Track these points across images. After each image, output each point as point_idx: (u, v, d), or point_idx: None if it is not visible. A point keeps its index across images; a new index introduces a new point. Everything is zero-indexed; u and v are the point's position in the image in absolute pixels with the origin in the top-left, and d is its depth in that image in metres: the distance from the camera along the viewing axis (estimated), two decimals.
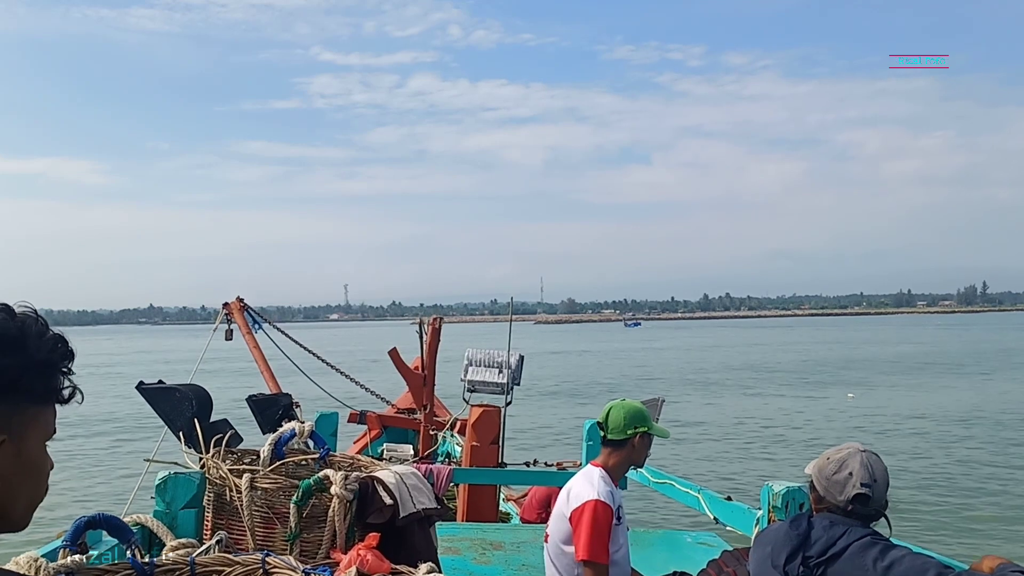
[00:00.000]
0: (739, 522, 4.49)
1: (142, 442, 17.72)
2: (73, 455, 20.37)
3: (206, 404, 4.63)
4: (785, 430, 24.31)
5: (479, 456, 7.59)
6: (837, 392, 33.01)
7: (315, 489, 3.19)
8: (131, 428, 24.32)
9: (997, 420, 24.34)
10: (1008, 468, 17.85)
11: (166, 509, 3.62)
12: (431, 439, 10.77)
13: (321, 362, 13.20)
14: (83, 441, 23.16)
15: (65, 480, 17.15)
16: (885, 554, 2.39)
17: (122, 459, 19.55)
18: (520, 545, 5.39)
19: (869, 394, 32.26)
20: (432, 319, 10.97)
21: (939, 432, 22.54)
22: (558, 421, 24.67)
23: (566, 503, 3.59)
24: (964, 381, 36.77)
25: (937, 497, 15.33)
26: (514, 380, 8.72)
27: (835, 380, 38.65)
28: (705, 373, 44.03)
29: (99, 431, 25.08)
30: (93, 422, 26.34)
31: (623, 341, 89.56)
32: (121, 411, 27.25)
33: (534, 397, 29.98)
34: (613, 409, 3.69)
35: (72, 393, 1.35)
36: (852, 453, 2.62)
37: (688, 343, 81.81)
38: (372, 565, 2.76)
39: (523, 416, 22.00)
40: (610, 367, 49.52)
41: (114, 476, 17.96)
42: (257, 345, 12.89)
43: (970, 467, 18.00)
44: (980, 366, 45.02)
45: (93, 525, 2.37)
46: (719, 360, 53.31)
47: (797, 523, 2.58)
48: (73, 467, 18.93)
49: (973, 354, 54.64)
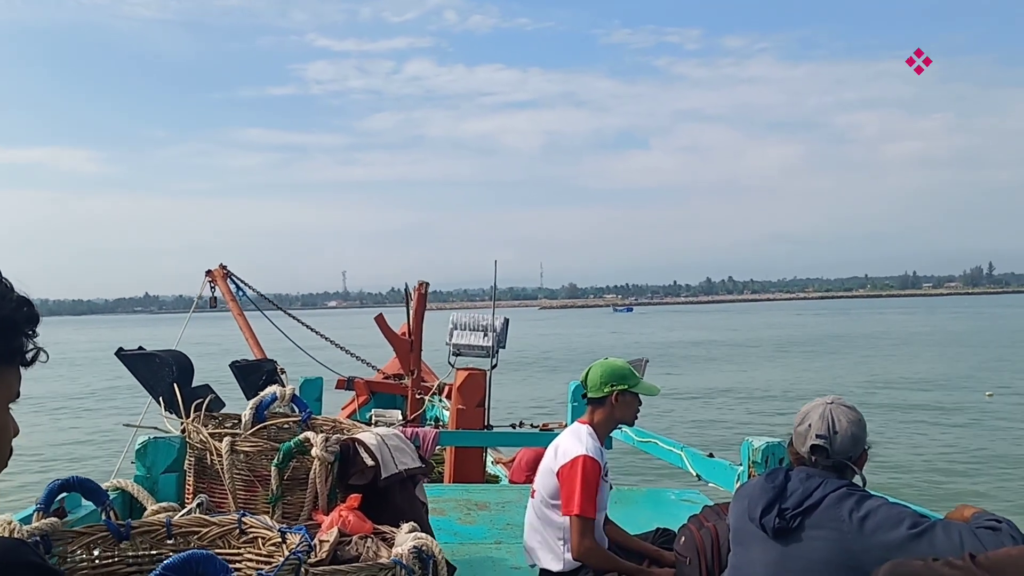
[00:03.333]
0: (721, 478, 4.53)
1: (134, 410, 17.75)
2: (59, 424, 20.41)
3: (187, 370, 4.63)
4: (773, 391, 24.51)
5: (465, 419, 7.63)
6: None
7: (296, 452, 3.19)
8: (121, 398, 24.33)
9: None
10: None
11: (147, 474, 3.62)
12: (419, 404, 10.80)
13: (310, 332, 13.19)
14: (71, 412, 23.20)
15: (50, 447, 17.21)
16: (861, 504, 2.40)
17: (110, 427, 19.58)
18: (505, 505, 5.42)
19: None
20: (418, 284, 10.95)
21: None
22: (544, 388, 24.76)
23: (554, 459, 3.61)
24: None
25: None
26: (499, 343, 8.72)
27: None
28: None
29: (88, 406, 25.10)
30: (82, 396, 26.38)
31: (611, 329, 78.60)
32: (113, 384, 27.24)
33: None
34: (593, 368, 3.69)
35: (36, 355, 1.32)
36: (816, 405, 2.63)
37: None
38: (354, 526, 2.77)
39: (509, 385, 22.00)
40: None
41: (101, 444, 17.99)
42: (241, 312, 12.84)
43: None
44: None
45: (67, 488, 2.37)
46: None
47: (773, 476, 2.59)
48: (60, 436, 18.97)
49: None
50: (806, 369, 32.19)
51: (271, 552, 2.08)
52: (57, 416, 22.83)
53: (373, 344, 13.77)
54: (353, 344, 13.56)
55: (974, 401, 22.39)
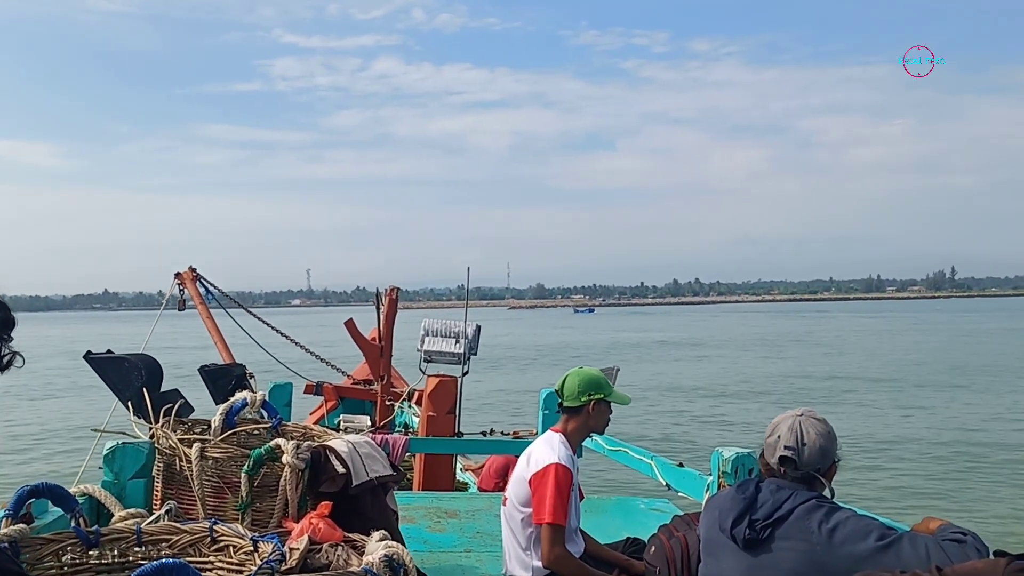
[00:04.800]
0: (690, 488, 4.56)
1: (98, 413, 17.55)
2: (23, 427, 20.07)
3: (156, 374, 4.58)
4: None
5: (435, 426, 7.59)
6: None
7: (266, 458, 3.17)
8: (82, 400, 24.00)
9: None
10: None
11: (114, 479, 3.57)
12: (388, 410, 10.74)
13: (278, 334, 13.07)
14: (33, 414, 22.82)
15: (13, 453, 16.92)
16: (830, 516, 2.44)
17: (72, 431, 19.31)
18: (475, 513, 5.41)
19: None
20: (389, 289, 10.91)
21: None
22: (515, 391, 24.81)
23: (526, 467, 3.61)
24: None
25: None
26: (471, 350, 8.71)
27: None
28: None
29: (50, 407, 24.71)
30: (44, 395, 25.95)
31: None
32: (75, 383, 26.86)
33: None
34: (569, 376, 3.71)
35: (11, 360, 1.31)
36: (786, 417, 2.67)
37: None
38: (324, 533, 2.75)
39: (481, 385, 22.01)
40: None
41: (64, 449, 17.73)
42: (210, 315, 12.73)
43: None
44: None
45: (36, 494, 2.33)
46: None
47: (744, 487, 2.62)
48: (23, 440, 18.66)
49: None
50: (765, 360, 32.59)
51: (242, 560, 2.07)
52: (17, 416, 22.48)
53: (339, 342, 13.68)
54: (319, 344, 13.46)
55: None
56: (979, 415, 21.28)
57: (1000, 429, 19.33)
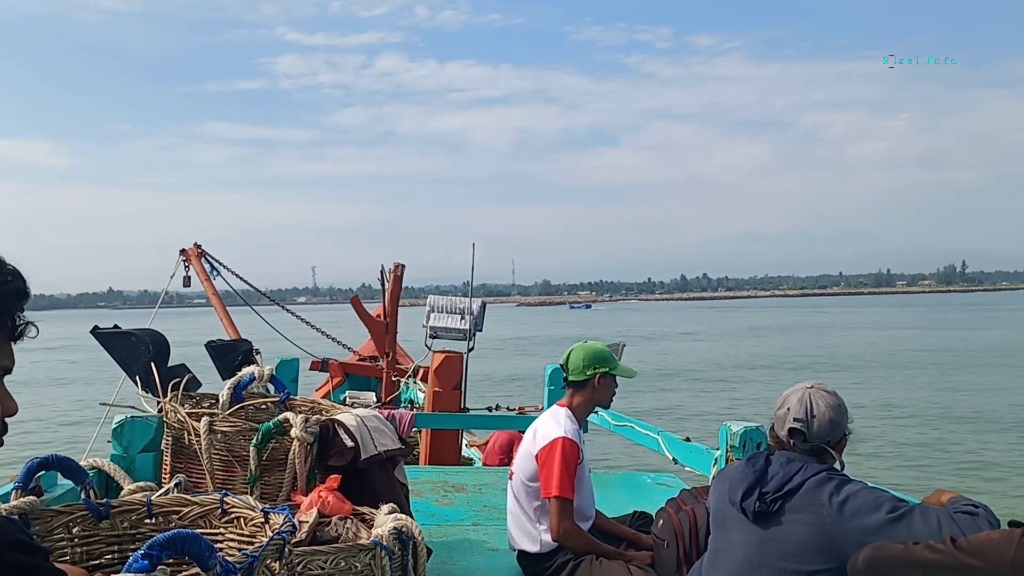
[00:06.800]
0: (697, 462, 4.55)
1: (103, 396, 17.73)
2: (35, 402, 20.21)
3: (163, 348, 4.57)
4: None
5: (441, 401, 7.61)
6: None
7: (275, 432, 3.17)
8: (90, 387, 24.17)
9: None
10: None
11: (123, 453, 3.58)
12: (393, 386, 10.77)
13: (282, 311, 13.09)
14: (45, 390, 22.97)
15: (24, 425, 17.03)
16: (840, 489, 2.43)
17: (83, 405, 19.45)
18: (482, 487, 5.43)
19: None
20: (394, 266, 10.90)
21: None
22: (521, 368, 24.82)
23: (532, 442, 3.61)
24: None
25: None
26: (476, 326, 8.71)
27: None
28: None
29: (61, 382, 24.86)
30: (54, 377, 26.07)
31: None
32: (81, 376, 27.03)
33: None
34: (574, 351, 3.70)
35: (24, 329, 1.30)
36: (796, 390, 2.65)
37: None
38: (333, 507, 2.76)
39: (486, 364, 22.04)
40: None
41: (73, 422, 17.84)
42: (216, 291, 12.74)
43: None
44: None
45: (46, 466, 2.33)
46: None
47: (754, 460, 2.60)
48: (34, 414, 18.78)
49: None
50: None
51: (253, 532, 2.06)
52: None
53: (344, 336, 13.78)
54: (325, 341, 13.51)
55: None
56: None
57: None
